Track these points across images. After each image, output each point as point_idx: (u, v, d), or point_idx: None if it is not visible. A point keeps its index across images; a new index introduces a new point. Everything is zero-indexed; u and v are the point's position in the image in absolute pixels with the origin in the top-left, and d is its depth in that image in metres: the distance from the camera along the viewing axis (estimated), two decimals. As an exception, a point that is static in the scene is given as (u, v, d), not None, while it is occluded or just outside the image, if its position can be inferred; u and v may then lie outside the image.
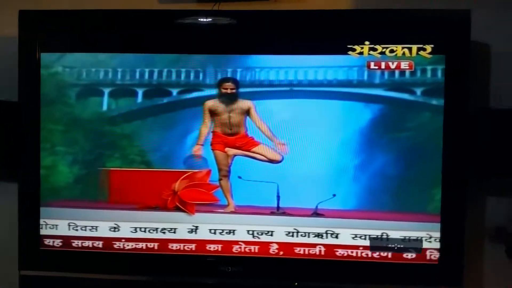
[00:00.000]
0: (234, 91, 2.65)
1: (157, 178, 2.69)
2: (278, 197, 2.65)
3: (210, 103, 2.66)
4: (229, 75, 2.68)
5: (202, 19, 2.66)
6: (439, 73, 2.57)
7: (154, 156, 2.71)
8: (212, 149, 2.69)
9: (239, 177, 2.66)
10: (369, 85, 2.63)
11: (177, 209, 2.70)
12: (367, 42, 2.58)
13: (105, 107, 2.72)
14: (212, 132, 2.69)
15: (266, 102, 2.68)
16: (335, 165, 2.64)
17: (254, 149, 2.68)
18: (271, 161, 2.67)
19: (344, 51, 2.59)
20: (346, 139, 2.65)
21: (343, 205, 2.63)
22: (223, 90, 2.66)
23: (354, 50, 2.59)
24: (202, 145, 2.66)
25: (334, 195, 2.62)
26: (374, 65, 2.60)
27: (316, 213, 2.64)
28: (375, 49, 2.59)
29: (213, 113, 2.68)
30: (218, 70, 2.68)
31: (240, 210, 2.67)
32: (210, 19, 2.66)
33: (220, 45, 2.66)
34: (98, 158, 2.72)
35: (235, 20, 2.64)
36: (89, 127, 2.72)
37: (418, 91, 2.60)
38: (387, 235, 2.61)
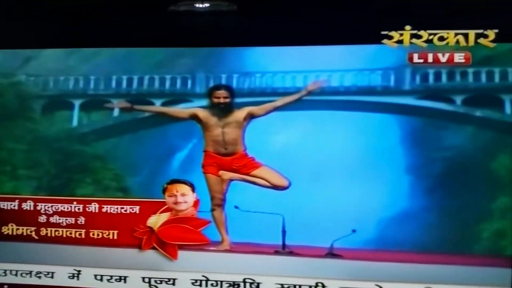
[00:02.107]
0: (227, 100, 2.16)
1: (130, 210, 2.16)
2: (284, 232, 2.13)
3: (200, 113, 2.17)
4: (223, 82, 2.18)
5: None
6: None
7: (133, 181, 2.22)
8: (203, 172, 2.19)
9: (236, 207, 2.16)
10: (397, 92, 2.10)
11: (155, 250, 2.16)
12: (408, 27, 2.01)
13: (75, 123, 2.26)
14: (203, 151, 2.19)
15: (269, 116, 2.17)
16: (355, 193, 2.11)
17: (254, 172, 2.17)
18: (275, 187, 2.15)
19: (377, 39, 2.01)
20: (369, 160, 2.12)
21: (365, 244, 2.09)
22: (215, 100, 2.17)
23: (390, 37, 2.02)
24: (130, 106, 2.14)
25: (353, 231, 2.09)
26: (419, 58, 2.02)
27: (332, 254, 2.10)
28: (419, 36, 1.99)
29: (203, 127, 2.18)
30: (209, 76, 2.20)
31: (237, 248, 2.15)
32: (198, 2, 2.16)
33: (210, 35, 2.15)
34: (67, 183, 2.24)
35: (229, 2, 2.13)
36: (56, 146, 2.26)
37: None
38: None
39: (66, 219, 2.19)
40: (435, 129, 2.08)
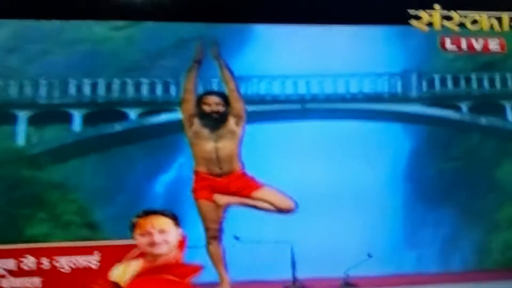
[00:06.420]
0: (220, 108, 1.80)
1: (84, 261, 1.59)
2: (294, 263, 1.81)
3: (196, 119, 1.79)
4: (215, 88, 1.83)
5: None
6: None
7: (103, 214, 1.75)
8: (194, 198, 1.80)
9: (236, 238, 1.80)
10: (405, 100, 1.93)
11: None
12: (437, 6, 1.82)
13: (21, 141, 1.73)
14: (193, 172, 1.80)
15: (265, 128, 1.86)
16: (367, 213, 1.89)
17: (255, 194, 1.83)
18: (280, 210, 1.84)
19: (403, 19, 1.79)
20: (380, 175, 1.91)
21: (382, 269, 1.86)
22: (206, 108, 1.80)
23: (418, 18, 1.82)
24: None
25: (369, 256, 1.85)
26: (451, 43, 1.84)
27: (347, 284, 1.85)
28: (449, 18, 1.83)
29: (192, 140, 1.80)
30: (198, 81, 1.82)
31: (240, 288, 1.78)
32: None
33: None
34: (11, 222, 1.70)
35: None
36: (-6, 173, 1.70)
37: None
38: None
39: None
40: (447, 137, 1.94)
